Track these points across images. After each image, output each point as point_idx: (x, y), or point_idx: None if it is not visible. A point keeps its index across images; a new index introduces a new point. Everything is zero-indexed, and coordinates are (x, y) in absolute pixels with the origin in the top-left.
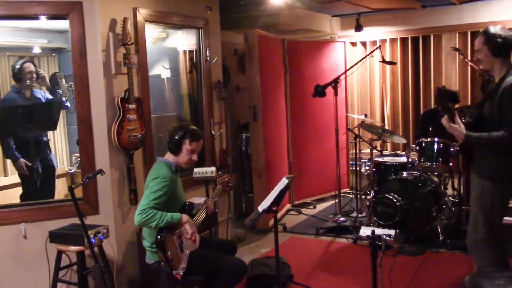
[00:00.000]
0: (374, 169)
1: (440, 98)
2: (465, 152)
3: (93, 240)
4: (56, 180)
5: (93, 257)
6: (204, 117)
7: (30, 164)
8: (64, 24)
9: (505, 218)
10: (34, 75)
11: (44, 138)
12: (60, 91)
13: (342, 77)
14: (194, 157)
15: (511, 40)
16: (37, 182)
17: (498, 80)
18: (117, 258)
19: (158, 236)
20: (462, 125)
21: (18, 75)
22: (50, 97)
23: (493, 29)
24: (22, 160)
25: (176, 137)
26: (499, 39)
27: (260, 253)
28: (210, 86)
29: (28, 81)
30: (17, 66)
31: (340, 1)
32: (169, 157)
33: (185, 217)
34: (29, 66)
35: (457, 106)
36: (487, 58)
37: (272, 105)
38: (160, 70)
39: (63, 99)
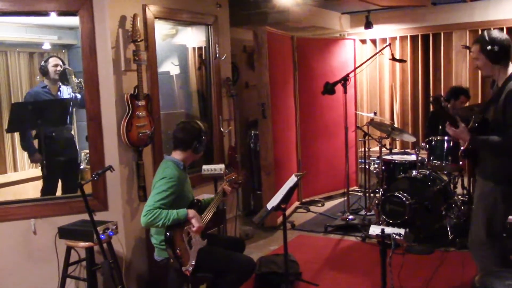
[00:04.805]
0: (383, 167)
1: (437, 106)
2: (470, 157)
3: (102, 236)
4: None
5: (102, 253)
6: (213, 114)
7: (42, 159)
8: (74, 21)
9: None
10: (59, 68)
11: (68, 135)
12: (70, 87)
13: (352, 75)
14: None
15: (508, 45)
16: (58, 177)
17: (501, 84)
18: (126, 254)
19: (167, 233)
20: (466, 128)
21: (44, 68)
22: (78, 96)
23: (488, 37)
24: (38, 154)
25: (205, 139)
26: (496, 47)
27: (268, 251)
28: (219, 83)
29: (53, 75)
30: (44, 60)
31: None
32: (177, 155)
33: (191, 212)
34: (56, 60)
35: (467, 104)
36: (486, 66)
37: (281, 102)
38: (169, 67)
39: (75, 93)
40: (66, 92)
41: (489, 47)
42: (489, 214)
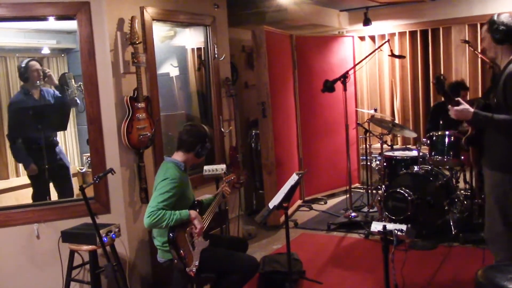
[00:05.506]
0: (384, 164)
1: (439, 86)
2: (473, 144)
3: (105, 239)
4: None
5: (105, 256)
6: (213, 114)
7: (41, 167)
8: (72, 25)
9: None
10: (41, 73)
11: (54, 139)
12: (70, 91)
13: (351, 72)
14: None
15: None
16: (48, 182)
17: (502, 68)
18: (129, 256)
19: (170, 234)
20: (467, 105)
21: (24, 74)
22: (59, 94)
23: (497, 17)
24: (33, 165)
25: (209, 145)
26: (501, 27)
27: (271, 250)
28: (218, 83)
29: (35, 80)
30: (23, 65)
31: None
32: (178, 156)
33: (193, 213)
34: (35, 65)
35: (467, 96)
36: (490, 45)
37: (281, 101)
38: (169, 68)
39: (75, 96)
40: (49, 96)
41: (496, 26)
42: (502, 205)
